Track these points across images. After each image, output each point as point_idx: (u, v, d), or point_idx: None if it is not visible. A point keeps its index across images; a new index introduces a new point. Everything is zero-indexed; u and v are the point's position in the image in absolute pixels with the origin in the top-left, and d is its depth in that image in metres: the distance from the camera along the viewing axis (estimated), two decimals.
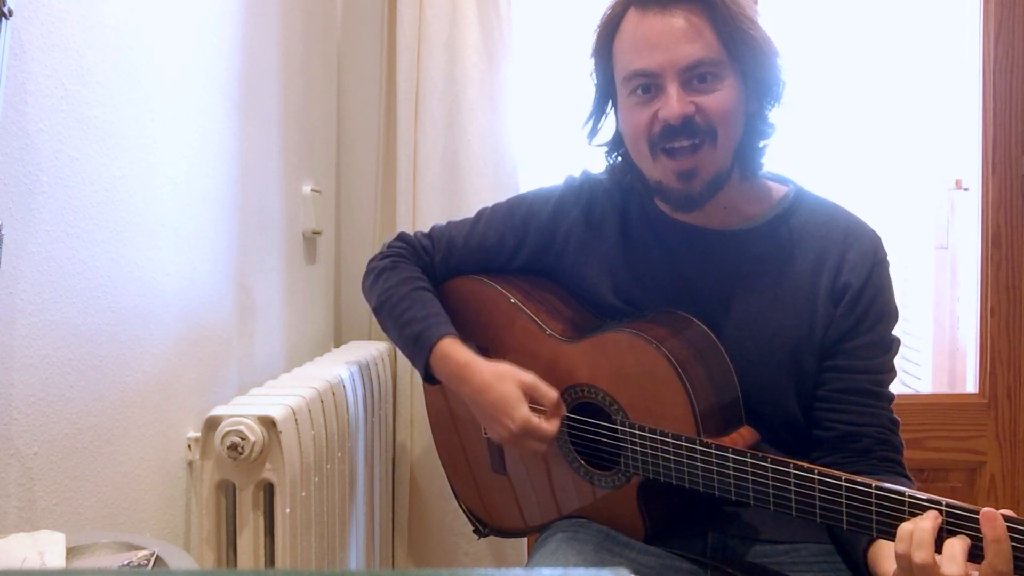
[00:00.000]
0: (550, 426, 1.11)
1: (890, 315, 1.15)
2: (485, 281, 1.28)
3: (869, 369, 1.13)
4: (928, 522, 0.86)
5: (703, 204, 1.12)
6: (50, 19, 0.92)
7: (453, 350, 1.18)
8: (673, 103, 1.06)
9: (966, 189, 2.06)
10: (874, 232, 1.17)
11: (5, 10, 0.78)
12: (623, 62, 1.11)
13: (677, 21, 1.06)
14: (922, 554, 0.85)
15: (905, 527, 0.87)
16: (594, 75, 1.18)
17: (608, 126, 1.21)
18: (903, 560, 0.87)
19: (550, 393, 1.12)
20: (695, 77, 1.07)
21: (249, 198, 1.46)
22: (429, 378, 1.21)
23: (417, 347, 1.20)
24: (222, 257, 1.36)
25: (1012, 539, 0.83)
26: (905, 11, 2.13)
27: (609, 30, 1.13)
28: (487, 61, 1.87)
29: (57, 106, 0.94)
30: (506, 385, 1.12)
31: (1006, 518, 0.83)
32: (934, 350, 2.31)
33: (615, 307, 1.21)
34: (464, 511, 1.42)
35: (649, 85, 1.08)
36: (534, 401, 1.12)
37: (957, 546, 0.84)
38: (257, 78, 1.50)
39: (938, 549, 0.85)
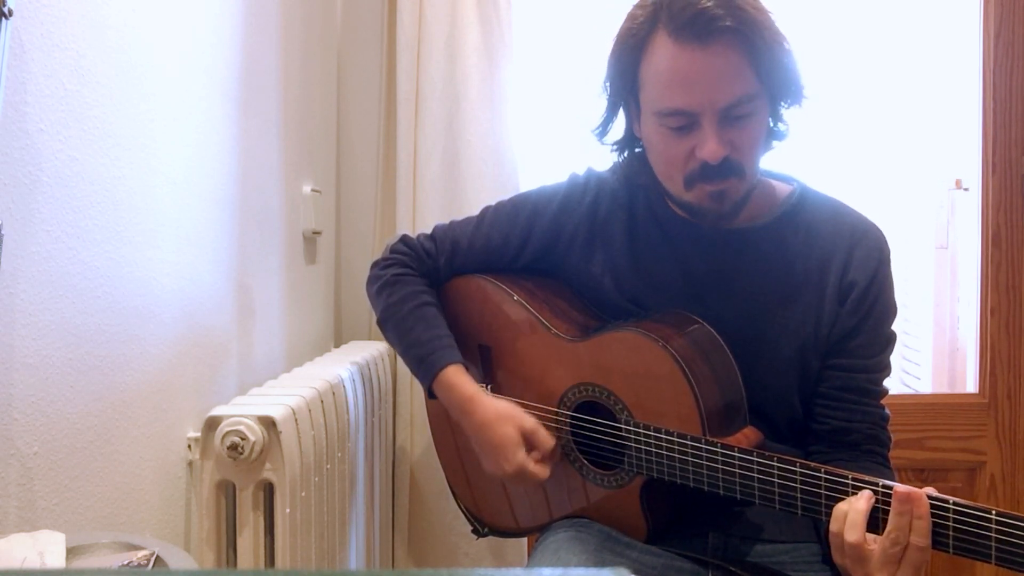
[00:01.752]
0: (542, 472, 1.15)
1: (891, 312, 1.17)
2: (490, 280, 1.28)
3: (868, 368, 1.15)
4: (862, 503, 0.91)
5: (732, 219, 1.13)
6: (50, 19, 0.92)
7: (458, 380, 1.19)
8: (713, 145, 1.04)
9: (966, 189, 2.06)
10: (879, 229, 1.18)
11: (5, 10, 0.78)
12: (655, 93, 1.07)
13: (717, 59, 1.01)
14: (854, 535, 0.90)
15: (840, 507, 0.93)
16: (608, 83, 1.14)
17: (617, 123, 1.19)
18: (835, 539, 0.92)
19: (547, 441, 1.15)
20: (732, 115, 1.04)
21: (249, 198, 1.46)
22: (433, 396, 1.23)
23: (422, 369, 1.22)
24: (222, 257, 1.36)
25: (932, 515, 0.88)
26: (905, 11, 2.12)
27: (635, 49, 1.07)
28: (487, 61, 1.87)
29: (57, 106, 0.94)
30: (507, 428, 1.14)
31: (929, 496, 0.89)
32: (934, 350, 2.31)
33: (620, 306, 1.21)
34: (463, 511, 1.42)
35: (684, 123, 1.06)
36: (532, 446, 1.15)
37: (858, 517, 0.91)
38: (257, 78, 1.50)
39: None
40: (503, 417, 1.15)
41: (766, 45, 1.03)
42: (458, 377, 1.19)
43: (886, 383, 1.18)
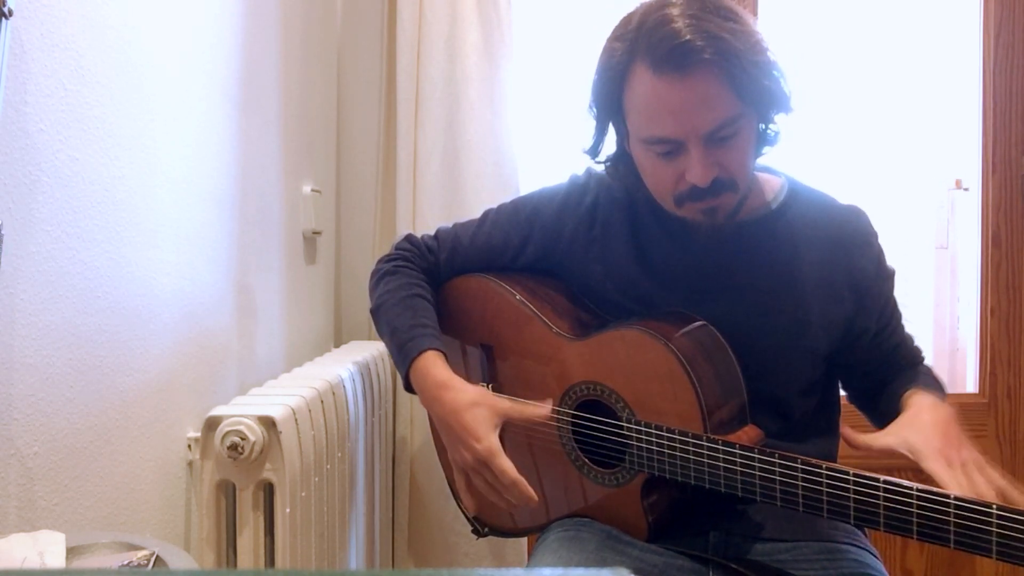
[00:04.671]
0: (510, 470, 1.08)
1: (893, 276, 1.23)
2: (491, 279, 1.28)
3: (891, 327, 1.22)
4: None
5: (724, 229, 1.15)
6: (50, 19, 0.92)
7: (434, 366, 1.16)
8: (700, 169, 1.05)
9: (966, 189, 2.06)
10: (862, 211, 1.22)
11: (5, 10, 0.78)
12: (640, 122, 1.08)
13: (696, 88, 1.02)
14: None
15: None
16: (595, 108, 1.14)
17: (608, 138, 1.20)
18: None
19: (527, 411, 1.12)
20: (716, 137, 1.05)
21: (249, 198, 1.46)
22: (410, 389, 1.21)
23: (400, 355, 1.21)
24: (222, 257, 1.36)
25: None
26: (905, 11, 2.12)
27: (616, 80, 1.08)
28: (487, 61, 1.87)
29: (57, 106, 0.94)
30: (479, 410, 1.11)
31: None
32: (934, 350, 2.31)
33: (623, 305, 1.21)
34: (463, 511, 1.42)
35: (670, 149, 1.07)
36: (517, 423, 1.12)
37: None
38: (257, 78, 1.50)
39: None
40: (476, 402, 1.12)
41: (746, 71, 1.03)
42: (435, 363, 1.17)
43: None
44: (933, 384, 1.18)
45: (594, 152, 1.20)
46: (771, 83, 1.07)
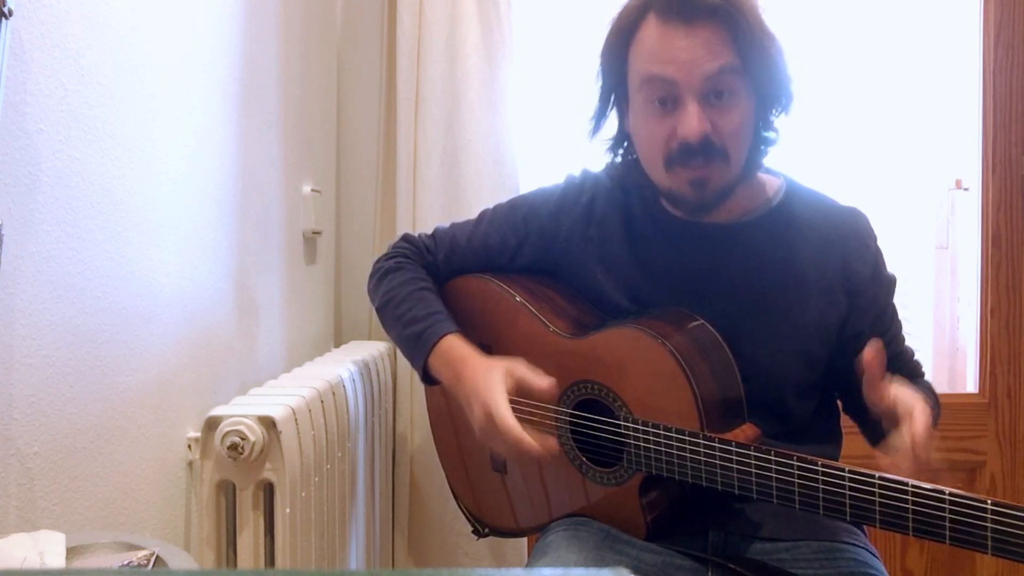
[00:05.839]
0: (516, 432, 1.04)
1: (893, 283, 1.22)
2: (489, 279, 1.29)
3: (891, 335, 1.20)
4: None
5: (712, 210, 1.15)
6: (50, 19, 0.92)
7: (456, 346, 1.18)
8: (693, 121, 1.06)
9: (966, 189, 2.06)
10: (861, 213, 1.22)
11: (5, 10, 0.78)
12: (640, 67, 1.10)
13: (700, 35, 1.06)
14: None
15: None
16: (600, 75, 1.16)
17: (609, 123, 1.21)
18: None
19: (538, 383, 1.07)
20: (712, 93, 1.07)
21: (249, 198, 1.46)
22: (426, 378, 1.21)
23: (418, 345, 1.20)
24: (222, 257, 1.36)
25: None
26: (905, 11, 2.12)
27: (624, 34, 1.11)
28: (487, 61, 1.87)
29: (57, 106, 0.94)
30: (494, 373, 1.09)
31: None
32: (934, 350, 2.30)
33: (620, 305, 1.21)
34: (463, 511, 1.42)
35: (667, 98, 1.08)
36: (524, 393, 1.09)
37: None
38: (257, 78, 1.50)
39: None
40: (492, 366, 1.10)
41: (749, 27, 1.06)
42: (459, 342, 1.18)
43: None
44: (928, 394, 1.16)
45: (595, 129, 1.20)
46: (770, 47, 1.09)
